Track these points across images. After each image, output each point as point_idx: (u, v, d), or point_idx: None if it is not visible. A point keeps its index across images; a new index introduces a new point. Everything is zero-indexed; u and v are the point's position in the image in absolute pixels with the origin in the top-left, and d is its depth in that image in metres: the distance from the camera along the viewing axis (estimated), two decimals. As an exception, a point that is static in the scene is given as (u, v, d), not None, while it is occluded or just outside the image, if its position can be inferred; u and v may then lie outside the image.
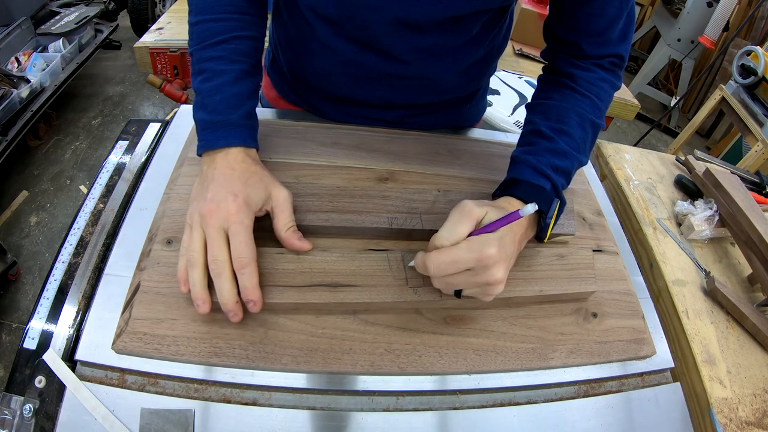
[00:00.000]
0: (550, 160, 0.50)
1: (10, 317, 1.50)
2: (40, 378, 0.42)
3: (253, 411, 0.42)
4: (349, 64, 0.60)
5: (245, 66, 0.51)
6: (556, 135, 0.51)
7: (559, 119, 0.52)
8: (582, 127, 0.52)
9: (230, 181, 0.45)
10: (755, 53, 1.83)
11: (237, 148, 0.49)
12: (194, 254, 0.42)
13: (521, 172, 0.50)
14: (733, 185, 0.82)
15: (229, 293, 0.41)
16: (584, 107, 0.53)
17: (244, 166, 0.47)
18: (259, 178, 0.47)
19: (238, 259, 0.41)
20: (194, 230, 0.43)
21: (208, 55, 0.50)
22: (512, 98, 1.56)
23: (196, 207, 0.45)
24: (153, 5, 2.63)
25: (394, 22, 0.52)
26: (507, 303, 0.50)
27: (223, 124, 0.49)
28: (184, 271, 0.43)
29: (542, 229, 0.49)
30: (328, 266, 0.46)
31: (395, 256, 0.49)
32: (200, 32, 0.50)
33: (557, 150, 0.51)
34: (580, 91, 0.54)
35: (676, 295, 0.70)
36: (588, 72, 0.55)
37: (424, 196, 0.55)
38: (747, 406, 0.59)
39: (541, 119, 0.53)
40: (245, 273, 0.41)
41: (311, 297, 0.44)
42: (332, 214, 0.51)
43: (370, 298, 0.45)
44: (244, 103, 0.50)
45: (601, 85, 0.55)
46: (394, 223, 0.52)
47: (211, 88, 0.49)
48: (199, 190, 0.46)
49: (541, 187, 0.49)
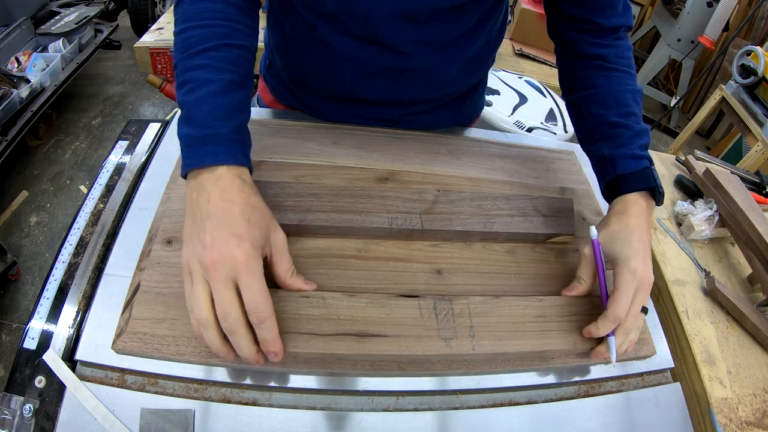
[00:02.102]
0: (636, 143, 0.54)
1: (10, 317, 1.50)
2: (40, 378, 0.42)
3: (253, 411, 0.42)
4: (349, 61, 0.59)
5: (235, 76, 0.45)
6: (627, 120, 0.54)
7: (620, 104, 0.55)
8: (636, 102, 0.56)
9: (231, 220, 0.39)
10: (755, 53, 1.83)
11: (227, 167, 0.41)
12: (203, 314, 0.37)
13: (625, 166, 0.53)
14: (733, 185, 0.82)
15: (248, 349, 0.38)
16: (628, 82, 0.56)
17: (242, 197, 0.41)
18: (260, 216, 0.42)
19: (254, 314, 0.37)
20: (196, 283, 0.38)
21: (194, 64, 0.44)
22: (512, 98, 1.56)
23: (192, 253, 0.39)
24: (153, 5, 2.63)
25: (394, 14, 0.53)
26: (541, 356, 0.48)
27: (209, 139, 0.42)
28: (197, 327, 0.38)
29: (659, 197, 0.52)
30: (356, 313, 0.44)
31: (427, 304, 0.46)
32: (185, 40, 0.45)
33: (636, 131, 0.54)
34: (618, 69, 0.57)
35: (676, 295, 0.70)
36: (615, 48, 0.57)
37: (423, 196, 0.55)
38: (747, 406, 0.59)
39: (605, 110, 0.56)
40: (264, 327, 0.37)
41: (338, 347, 0.42)
42: (332, 214, 0.51)
43: (400, 349, 0.43)
44: (234, 115, 0.44)
45: (628, 55, 0.58)
46: (393, 223, 0.52)
47: (197, 99, 0.43)
48: (193, 230, 0.40)
49: (643, 168, 0.52)
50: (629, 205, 0.51)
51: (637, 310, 0.47)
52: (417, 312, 0.45)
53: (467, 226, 0.54)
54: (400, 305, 0.46)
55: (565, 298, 0.50)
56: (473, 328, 0.45)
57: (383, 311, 0.45)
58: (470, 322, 0.46)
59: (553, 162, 0.72)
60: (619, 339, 0.46)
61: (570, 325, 0.48)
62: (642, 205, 0.51)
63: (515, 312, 0.47)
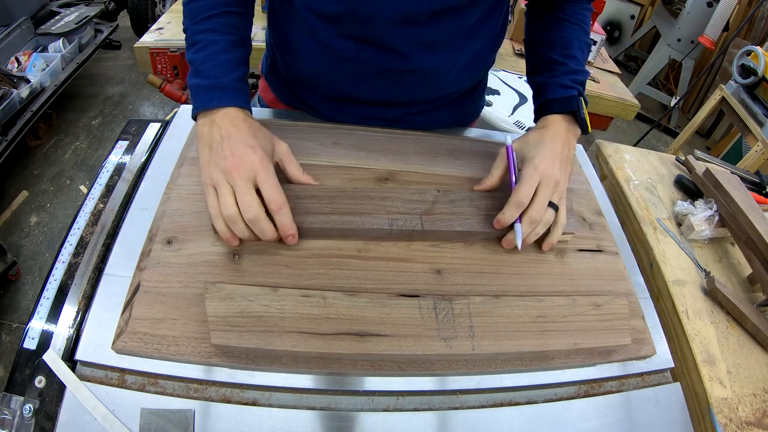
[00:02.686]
0: (569, 77, 0.60)
1: (10, 317, 1.50)
2: (40, 378, 0.42)
3: (253, 411, 0.42)
4: (348, 62, 0.60)
5: (235, 37, 0.54)
6: (567, 60, 0.61)
7: (564, 47, 0.62)
8: (581, 50, 0.63)
9: (242, 136, 0.48)
10: (755, 53, 1.83)
11: (233, 108, 0.51)
12: (232, 210, 0.45)
13: (554, 92, 0.59)
14: (733, 185, 0.82)
15: (272, 233, 0.46)
16: (578, 34, 0.63)
17: (247, 123, 0.50)
18: (264, 134, 0.51)
19: (273, 202, 0.45)
20: (221, 188, 0.46)
21: (201, 28, 0.53)
22: (512, 98, 1.56)
23: (215, 168, 0.47)
24: (153, 5, 2.63)
25: (394, 17, 0.53)
26: (540, 356, 0.48)
27: (217, 86, 0.51)
28: (227, 230, 0.46)
29: (582, 122, 0.59)
30: (356, 313, 0.44)
31: (427, 303, 0.46)
32: (192, 9, 0.55)
33: (572, 69, 0.61)
34: (572, 21, 0.63)
35: (676, 295, 0.70)
36: (574, 6, 0.64)
37: (423, 197, 0.55)
38: (747, 406, 0.59)
39: (549, 50, 0.62)
40: (282, 213, 0.46)
41: (338, 347, 0.42)
42: (332, 216, 0.51)
43: (400, 349, 0.43)
44: (235, 68, 0.53)
45: (585, 13, 0.64)
46: (394, 224, 0.52)
47: (204, 56, 0.52)
48: (211, 152, 0.48)
49: (571, 96, 0.59)
50: (549, 122, 0.58)
51: (542, 203, 0.51)
52: (417, 312, 0.46)
53: (467, 226, 0.53)
54: (400, 305, 0.46)
55: (565, 298, 0.50)
56: (473, 328, 0.45)
57: (383, 311, 0.45)
58: (470, 322, 0.46)
59: (553, 162, 0.72)
60: (525, 227, 0.51)
61: (570, 325, 0.48)
62: (562, 124, 0.57)
63: (515, 312, 0.47)
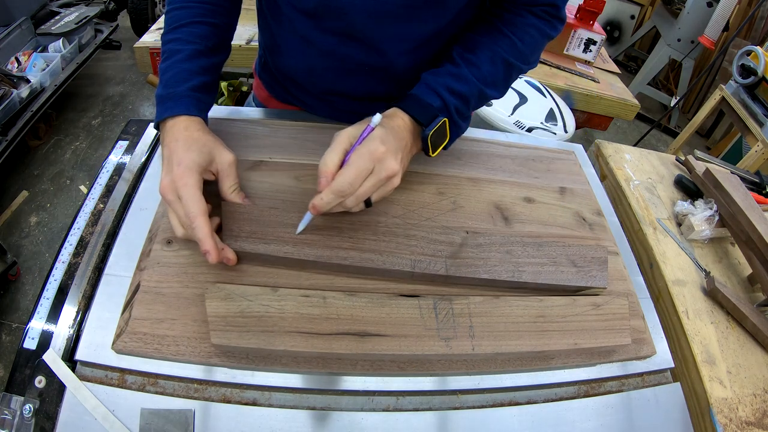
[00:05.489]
0: (447, 81, 0.54)
1: (10, 317, 1.50)
2: (40, 378, 0.42)
3: (253, 411, 0.42)
4: (329, 57, 0.60)
5: (199, 47, 0.54)
6: (463, 62, 0.56)
7: (471, 50, 0.56)
8: (493, 63, 0.56)
9: (175, 153, 0.48)
10: (755, 53, 1.83)
11: (180, 117, 0.51)
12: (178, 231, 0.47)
13: (417, 88, 0.55)
14: (733, 185, 0.82)
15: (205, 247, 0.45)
16: (501, 45, 0.57)
17: (186, 134, 0.50)
18: (201, 144, 0.49)
19: (186, 217, 0.45)
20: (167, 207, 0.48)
21: (169, 38, 0.54)
22: (512, 98, 1.56)
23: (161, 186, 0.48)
24: (153, 5, 2.63)
25: (369, 10, 0.53)
26: (540, 356, 0.48)
27: (171, 96, 0.51)
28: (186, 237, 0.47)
29: (423, 141, 0.53)
30: (356, 312, 0.44)
31: (427, 303, 0.46)
32: (167, 20, 0.56)
33: (459, 74, 0.55)
34: (502, 30, 0.57)
35: (676, 295, 0.70)
36: (515, 15, 0.58)
37: (450, 238, 0.52)
38: (747, 406, 0.59)
39: (455, 46, 0.58)
40: (195, 226, 0.44)
41: (338, 347, 0.42)
42: (352, 252, 0.48)
43: (400, 349, 0.43)
44: (193, 77, 0.53)
45: (527, 29, 0.57)
46: (416, 266, 0.49)
47: (166, 66, 0.53)
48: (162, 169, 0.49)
49: (429, 103, 0.53)
50: (396, 117, 0.52)
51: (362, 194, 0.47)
52: (417, 312, 0.45)
53: (494, 273, 0.50)
54: (400, 305, 0.46)
55: (565, 298, 0.50)
56: (473, 328, 0.45)
57: (383, 311, 0.45)
58: (470, 322, 0.46)
59: (552, 162, 0.72)
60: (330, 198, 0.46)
61: (570, 325, 0.48)
62: (407, 122, 0.52)
63: (515, 312, 0.47)
